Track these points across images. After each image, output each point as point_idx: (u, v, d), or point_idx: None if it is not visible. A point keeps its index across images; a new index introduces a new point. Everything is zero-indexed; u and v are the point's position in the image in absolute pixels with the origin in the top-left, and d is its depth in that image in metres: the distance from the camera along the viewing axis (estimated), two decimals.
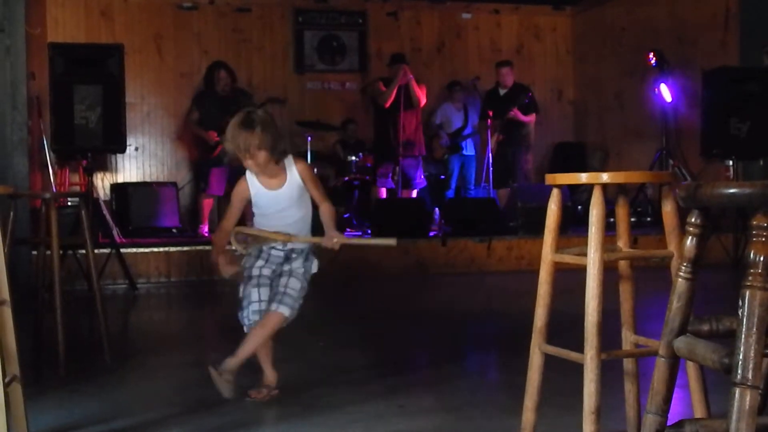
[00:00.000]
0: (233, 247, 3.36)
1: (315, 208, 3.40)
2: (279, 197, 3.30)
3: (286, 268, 3.34)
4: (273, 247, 3.34)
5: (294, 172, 3.31)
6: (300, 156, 3.37)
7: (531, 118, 9.44)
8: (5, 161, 6.50)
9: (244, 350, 3.28)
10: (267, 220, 3.34)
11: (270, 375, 3.39)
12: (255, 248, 3.35)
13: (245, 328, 3.35)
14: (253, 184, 3.33)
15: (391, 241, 3.44)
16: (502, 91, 9.48)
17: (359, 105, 10.27)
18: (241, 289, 3.37)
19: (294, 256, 3.35)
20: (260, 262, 3.35)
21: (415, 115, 9.08)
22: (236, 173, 8.43)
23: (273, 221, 3.32)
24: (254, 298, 3.31)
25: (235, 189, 3.41)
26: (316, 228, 3.41)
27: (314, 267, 3.38)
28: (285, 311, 3.25)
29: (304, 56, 10.41)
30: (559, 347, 2.43)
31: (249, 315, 3.31)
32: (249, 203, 3.40)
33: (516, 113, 9.25)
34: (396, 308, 6.00)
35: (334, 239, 3.30)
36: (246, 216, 3.63)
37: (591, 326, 2.27)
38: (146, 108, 9.92)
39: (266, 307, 3.29)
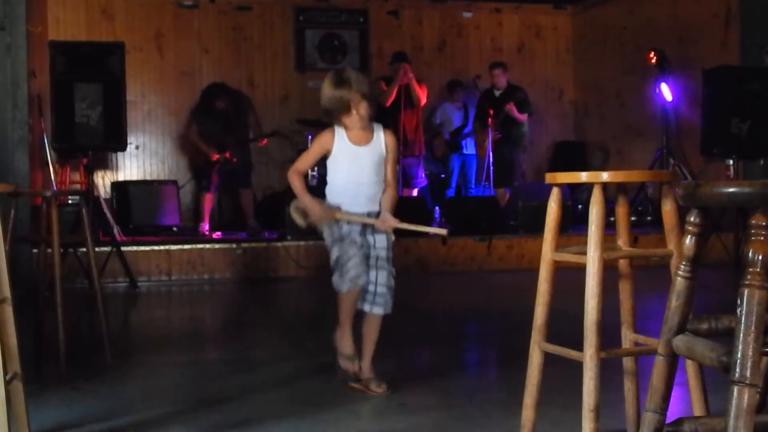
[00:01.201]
0: (294, 217, 3.36)
1: None
2: (361, 154, 3.35)
3: (371, 245, 3.35)
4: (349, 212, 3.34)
5: (381, 138, 3.39)
6: (389, 129, 3.43)
7: (524, 117, 9.42)
8: (6, 159, 6.50)
9: (368, 350, 3.42)
10: (344, 179, 3.36)
11: (352, 344, 3.42)
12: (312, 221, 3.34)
13: (345, 287, 3.32)
14: (339, 135, 3.35)
15: (443, 231, 3.52)
16: (497, 92, 9.48)
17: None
18: (335, 250, 3.32)
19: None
20: (345, 226, 3.33)
21: (415, 114, 9.08)
22: (236, 173, 8.54)
23: (351, 180, 3.34)
24: (352, 252, 3.29)
25: (318, 136, 3.43)
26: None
27: (393, 236, 3.43)
28: (380, 311, 3.38)
29: (305, 55, 10.42)
30: (558, 345, 2.44)
31: (351, 270, 3.29)
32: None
33: (512, 108, 9.23)
34: (396, 306, 5.99)
35: (387, 221, 3.34)
36: None
37: (590, 324, 2.27)
38: (147, 106, 9.93)
39: (363, 264, 3.30)
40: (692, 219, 1.69)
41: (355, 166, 3.35)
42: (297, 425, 2.95)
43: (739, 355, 1.46)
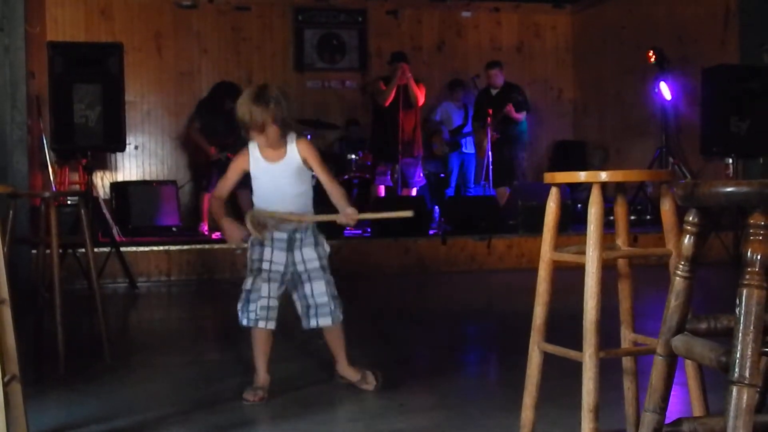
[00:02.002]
0: (248, 231, 3.33)
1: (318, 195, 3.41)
2: (275, 171, 3.30)
3: (299, 262, 3.30)
4: (275, 230, 3.29)
5: (294, 149, 3.31)
6: (303, 137, 3.39)
7: (521, 116, 9.41)
8: (5, 160, 6.50)
9: (339, 355, 3.39)
10: (264, 197, 3.33)
11: (263, 377, 3.34)
12: (267, 233, 3.29)
13: (245, 322, 3.30)
14: (253, 154, 3.33)
15: (408, 213, 3.43)
16: (493, 91, 9.48)
17: (359, 103, 10.28)
18: (249, 282, 3.31)
19: (298, 236, 3.31)
20: (267, 253, 3.29)
21: (413, 114, 9.08)
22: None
23: (271, 197, 3.30)
24: (264, 293, 3.26)
25: (234, 159, 3.41)
26: (323, 209, 3.42)
27: (326, 248, 3.37)
28: (327, 323, 3.31)
29: (304, 55, 10.42)
30: (558, 345, 2.44)
31: (257, 310, 3.26)
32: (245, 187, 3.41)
33: (510, 109, 9.24)
34: (396, 306, 6.00)
35: (349, 214, 3.27)
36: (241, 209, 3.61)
37: (590, 324, 2.27)
38: (146, 107, 9.93)
39: (275, 304, 3.27)
40: (691, 219, 1.69)
41: (272, 183, 3.31)
42: (296, 426, 2.94)
43: (738, 355, 1.46)
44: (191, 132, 8.98)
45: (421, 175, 9.29)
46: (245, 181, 3.19)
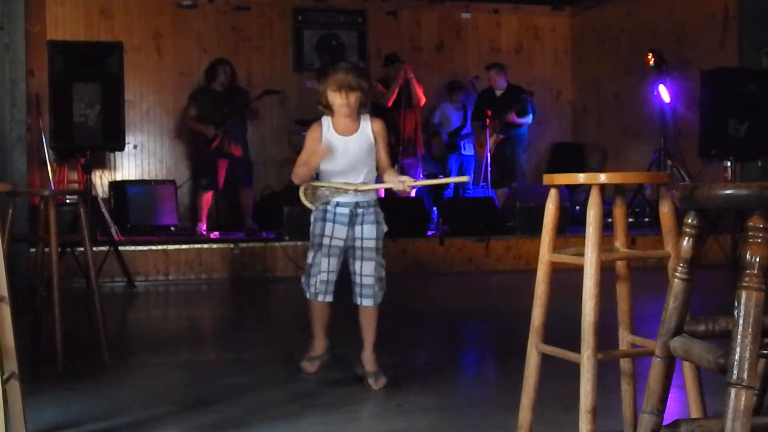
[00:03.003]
0: (304, 201, 3.41)
1: None
2: (348, 144, 3.40)
3: (357, 236, 3.39)
4: (338, 204, 3.38)
5: (368, 126, 3.44)
6: (377, 116, 3.49)
7: (526, 121, 9.42)
8: (4, 159, 6.49)
9: (367, 342, 3.46)
10: (335, 165, 3.40)
11: (320, 344, 3.50)
12: (322, 203, 3.38)
13: (308, 294, 3.44)
14: (327, 127, 3.42)
15: (464, 178, 3.79)
16: (498, 92, 9.48)
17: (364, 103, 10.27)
18: (310, 255, 3.42)
19: (360, 211, 3.39)
20: (329, 228, 3.39)
21: (414, 114, 9.08)
22: (237, 165, 8.49)
23: (341, 165, 3.39)
24: (324, 267, 3.38)
25: (308, 132, 3.49)
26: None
27: (384, 227, 3.46)
28: (369, 303, 3.41)
29: (303, 55, 10.42)
30: (556, 347, 2.44)
31: (317, 284, 3.40)
32: None
33: (513, 118, 9.25)
34: (393, 307, 5.99)
35: (405, 182, 3.39)
36: None
37: (588, 326, 2.28)
38: (145, 106, 9.92)
39: (334, 278, 3.40)
40: (689, 221, 1.69)
41: (343, 157, 3.40)
42: (294, 426, 2.95)
43: (736, 357, 1.46)
44: (187, 121, 8.98)
45: (422, 175, 9.29)
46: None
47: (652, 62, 8.89)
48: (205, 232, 8.51)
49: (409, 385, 3.47)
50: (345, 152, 3.39)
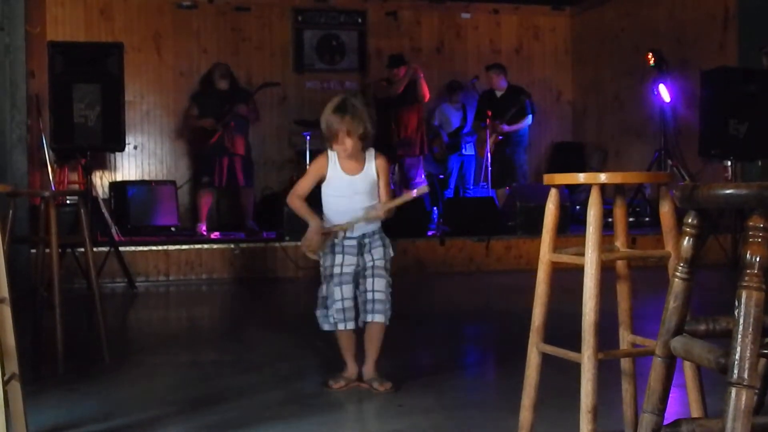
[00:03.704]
0: (310, 256, 3.41)
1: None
2: (353, 183, 3.40)
3: (368, 261, 3.40)
4: (345, 237, 3.39)
5: (372, 165, 3.44)
6: (381, 153, 3.48)
7: (523, 124, 9.41)
8: (4, 159, 6.50)
9: (371, 355, 3.45)
10: (337, 201, 3.41)
11: (351, 368, 3.47)
12: (327, 245, 3.39)
13: (327, 327, 3.42)
14: (333, 163, 3.41)
15: (425, 188, 3.66)
16: (498, 93, 9.49)
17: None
18: (323, 288, 3.41)
19: (367, 241, 3.41)
20: (339, 258, 3.39)
21: (416, 113, 9.10)
22: (237, 164, 8.48)
23: (343, 203, 3.40)
24: (338, 296, 3.37)
25: (315, 160, 3.49)
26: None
27: (391, 252, 3.48)
28: (380, 319, 3.39)
29: (304, 55, 10.42)
30: (556, 347, 2.44)
31: (334, 314, 3.38)
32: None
33: (504, 128, 9.24)
34: (394, 307, 5.99)
35: (376, 209, 3.39)
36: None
37: (588, 326, 2.28)
38: (145, 107, 9.93)
39: (350, 305, 3.38)
40: (690, 220, 1.69)
41: (347, 195, 3.40)
42: (294, 426, 2.95)
43: (736, 357, 1.46)
44: (190, 120, 8.98)
45: (423, 175, 9.29)
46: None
47: (652, 62, 8.89)
48: (205, 233, 8.51)
49: (410, 386, 3.47)
50: (348, 190, 3.40)
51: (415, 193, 3.54)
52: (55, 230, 3.75)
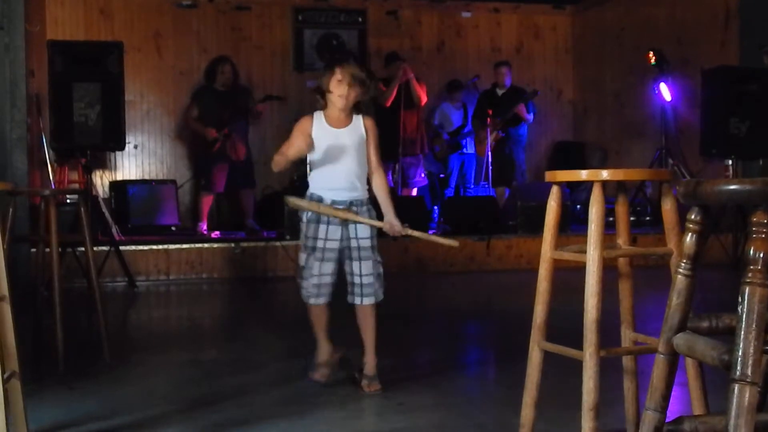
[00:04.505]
0: (290, 203, 3.38)
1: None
2: (340, 137, 3.36)
3: (352, 235, 3.35)
4: (333, 202, 3.35)
5: (360, 122, 3.43)
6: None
7: (530, 117, 9.46)
8: (4, 158, 6.50)
9: (369, 343, 3.41)
10: (324, 160, 3.36)
11: (324, 349, 3.46)
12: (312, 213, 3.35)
13: (304, 298, 3.40)
14: (318, 121, 3.39)
15: (454, 243, 3.52)
16: (499, 92, 9.48)
17: (359, 103, 10.26)
18: (303, 257, 3.37)
19: (354, 209, 3.36)
20: (322, 230, 3.34)
21: (415, 113, 9.08)
22: (237, 169, 8.50)
23: (331, 167, 3.35)
24: (315, 271, 3.34)
25: (298, 123, 3.45)
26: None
27: (377, 223, 3.43)
28: (370, 301, 3.37)
29: (304, 54, 10.42)
30: (558, 344, 2.44)
31: (309, 287, 3.36)
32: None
33: (521, 109, 9.26)
34: (395, 306, 5.99)
35: (396, 227, 3.39)
36: None
37: (590, 323, 2.27)
38: (145, 106, 9.92)
39: (327, 281, 3.35)
40: (693, 217, 1.69)
41: (335, 149, 3.36)
42: (295, 424, 2.94)
43: (740, 353, 1.45)
44: (189, 121, 8.98)
45: (423, 174, 9.28)
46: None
47: (653, 61, 8.88)
48: (205, 232, 8.51)
49: (411, 384, 3.47)
50: (336, 144, 3.36)
51: (443, 240, 3.52)
52: (56, 229, 3.75)
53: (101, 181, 9.30)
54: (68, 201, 7.65)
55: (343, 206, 3.35)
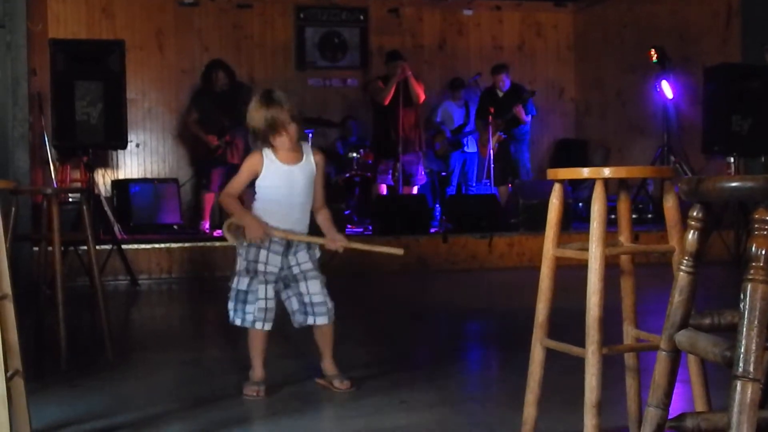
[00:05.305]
0: (227, 236, 3.34)
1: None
2: (292, 173, 3.31)
3: (293, 263, 3.32)
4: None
5: (311, 158, 3.36)
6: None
7: (529, 118, 9.46)
8: (6, 157, 6.50)
9: (326, 352, 3.40)
10: (275, 192, 3.30)
11: (260, 373, 3.37)
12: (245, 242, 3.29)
13: (239, 322, 3.32)
14: (269, 159, 3.31)
15: (398, 251, 3.46)
16: (500, 93, 9.49)
17: (360, 102, 10.27)
18: (245, 282, 3.30)
19: (294, 242, 3.32)
20: (263, 255, 3.30)
21: (414, 111, 9.08)
22: (234, 171, 8.48)
23: (281, 195, 3.30)
24: (261, 294, 3.29)
25: (247, 159, 3.38)
26: (312, 230, 3.43)
27: (317, 251, 3.39)
28: (323, 321, 3.34)
29: (306, 53, 10.41)
30: (560, 342, 2.44)
31: (255, 312, 3.29)
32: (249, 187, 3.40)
33: (519, 110, 9.26)
34: (397, 304, 6.00)
35: (338, 242, 3.34)
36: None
37: (592, 321, 2.27)
38: (147, 104, 9.92)
39: (272, 305, 3.30)
40: (695, 214, 1.69)
41: (286, 186, 3.30)
42: (297, 422, 2.94)
43: (742, 350, 1.45)
44: (189, 125, 9.00)
45: (423, 172, 9.29)
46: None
47: (654, 59, 8.88)
48: (208, 230, 8.51)
49: (413, 381, 3.47)
50: (288, 182, 3.29)
51: (387, 249, 3.48)
52: (58, 228, 3.75)
53: (103, 179, 9.31)
54: (70, 200, 7.65)
55: (284, 240, 3.29)
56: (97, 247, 5.51)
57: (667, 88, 8.87)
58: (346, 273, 6.86)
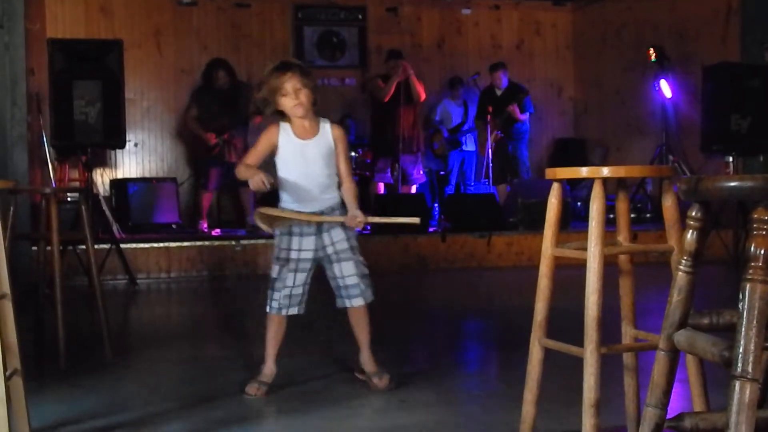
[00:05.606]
0: (260, 225, 3.34)
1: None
2: (308, 148, 3.29)
3: (327, 242, 3.30)
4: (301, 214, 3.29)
5: (327, 131, 3.33)
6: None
7: (525, 117, 9.47)
8: (5, 157, 6.49)
9: (363, 342, 3.37)
10: (292, 170, 3.29)
11: (269, 368, 3.36)
12: (283, 225, 3.29)
13: (268, 309, 3.32)
14: (285, 131, 3.29)
15: (415, 220, 3.49)
16: (498, 91, 9.49)
17: (359, 101, 10.27)
18: (276, 269, 3.30)
19: (326, 215, 3.31)
20: (296, 242, 3.29)
21: (413, 111, 9.08)
22: (232, 171, 8.47)
23: (299, 171, 3.29)
24: (289, 282, 3.28)
25: (265, 132, 3.35)
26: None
27: (338, 218, 3.36)
28: (359, 303, 3.32)
29: (304, 52, 10.40)
30: (559, 341, 2.44)
31: (281, 299, 3.28)
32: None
33: (514, 109, 9.27)
34: (396, 303, 6.00)
35: (357, 218, 3.31)
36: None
37: (591, 320, 2.27)
38: (146, 104, 9.92)
39: (299, 291, 3.29)
40: (694, 213, 1.69)
41: (302, 161, 3.29)
42: (297, 421, 2.94)
43: (740, 350, 1.46)
44: (188, 121, 8.99)
45: (421, 171, 9.29)
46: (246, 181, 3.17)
47: (653, 57, 8.88)
48: (206, 230, 8.51)
49: (412, 381, 3.47)
50: (302, 157, 3.28)
51: (403, 219, 3.48)
52: (56, 227, 3.75)
53: (102, 179, 9.29)
54: (69, 199, 7.64)
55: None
56: (96, 246, 5.50)
57: (665, 87, 8.88)
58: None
